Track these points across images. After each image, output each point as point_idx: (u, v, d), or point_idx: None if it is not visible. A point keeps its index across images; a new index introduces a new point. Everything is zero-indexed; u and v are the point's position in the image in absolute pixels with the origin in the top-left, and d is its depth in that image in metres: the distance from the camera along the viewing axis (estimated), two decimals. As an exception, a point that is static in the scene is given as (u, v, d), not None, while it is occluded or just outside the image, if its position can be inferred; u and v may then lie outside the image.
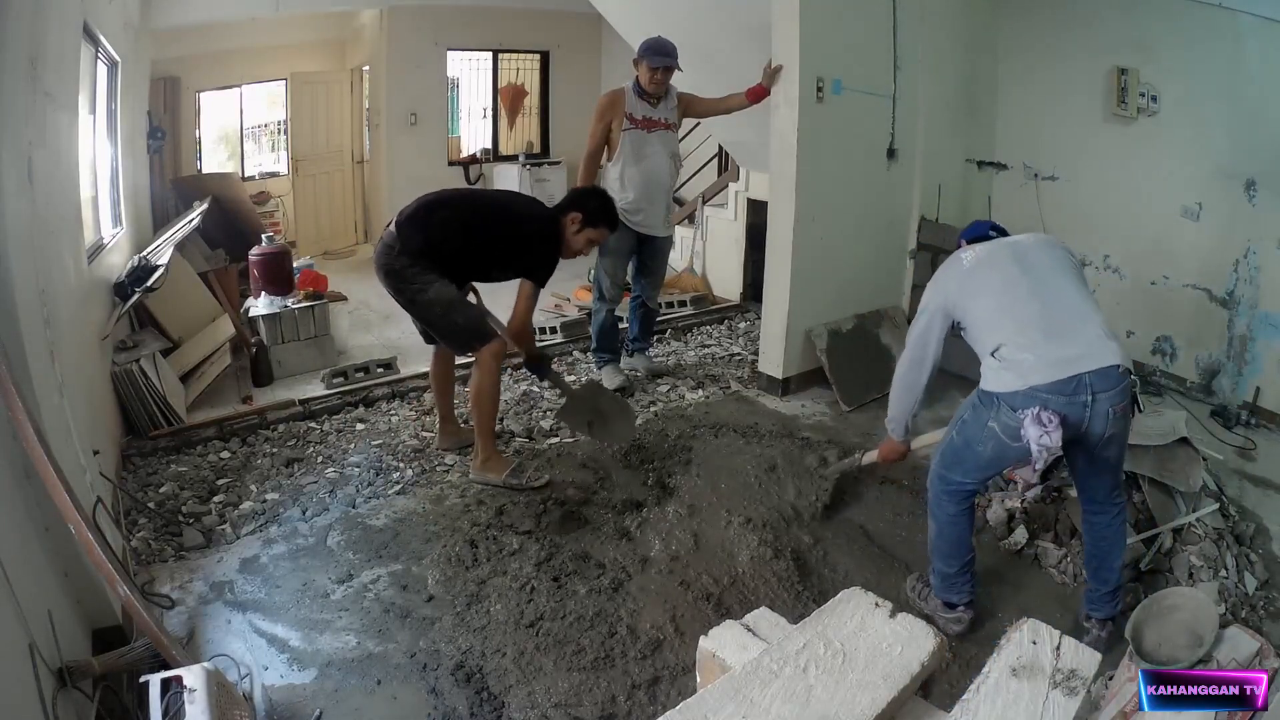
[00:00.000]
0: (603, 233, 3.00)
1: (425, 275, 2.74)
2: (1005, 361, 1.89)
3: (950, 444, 2.08)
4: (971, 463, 2.04)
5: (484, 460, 2.92)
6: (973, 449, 2.00)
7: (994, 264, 2.02)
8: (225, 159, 6.60)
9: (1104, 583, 2.09)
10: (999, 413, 1.89)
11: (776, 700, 0.88)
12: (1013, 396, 1.85)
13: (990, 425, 1.92)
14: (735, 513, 2.58)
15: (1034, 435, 1.78)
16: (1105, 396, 1.83)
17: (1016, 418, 1.84)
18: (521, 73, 7.52)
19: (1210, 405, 3.70)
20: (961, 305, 2.02)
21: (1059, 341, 1.86)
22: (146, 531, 2.58)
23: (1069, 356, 1.83)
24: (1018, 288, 1.95)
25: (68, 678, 1.60)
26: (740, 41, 4.00)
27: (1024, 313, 1.92)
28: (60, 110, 2.64)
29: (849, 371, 3.77)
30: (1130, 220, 3.97)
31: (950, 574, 2.14)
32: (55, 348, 2.09)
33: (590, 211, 2.91)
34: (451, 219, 2.80)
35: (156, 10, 4.98)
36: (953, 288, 2.05)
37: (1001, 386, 1.88)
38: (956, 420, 2.08)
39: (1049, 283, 1.96)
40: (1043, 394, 1.81)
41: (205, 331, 4.16)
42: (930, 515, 2.17)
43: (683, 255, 5.78)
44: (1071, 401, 1.81)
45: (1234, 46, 3.44)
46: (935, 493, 2.13)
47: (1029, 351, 1.86)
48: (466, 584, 2.35)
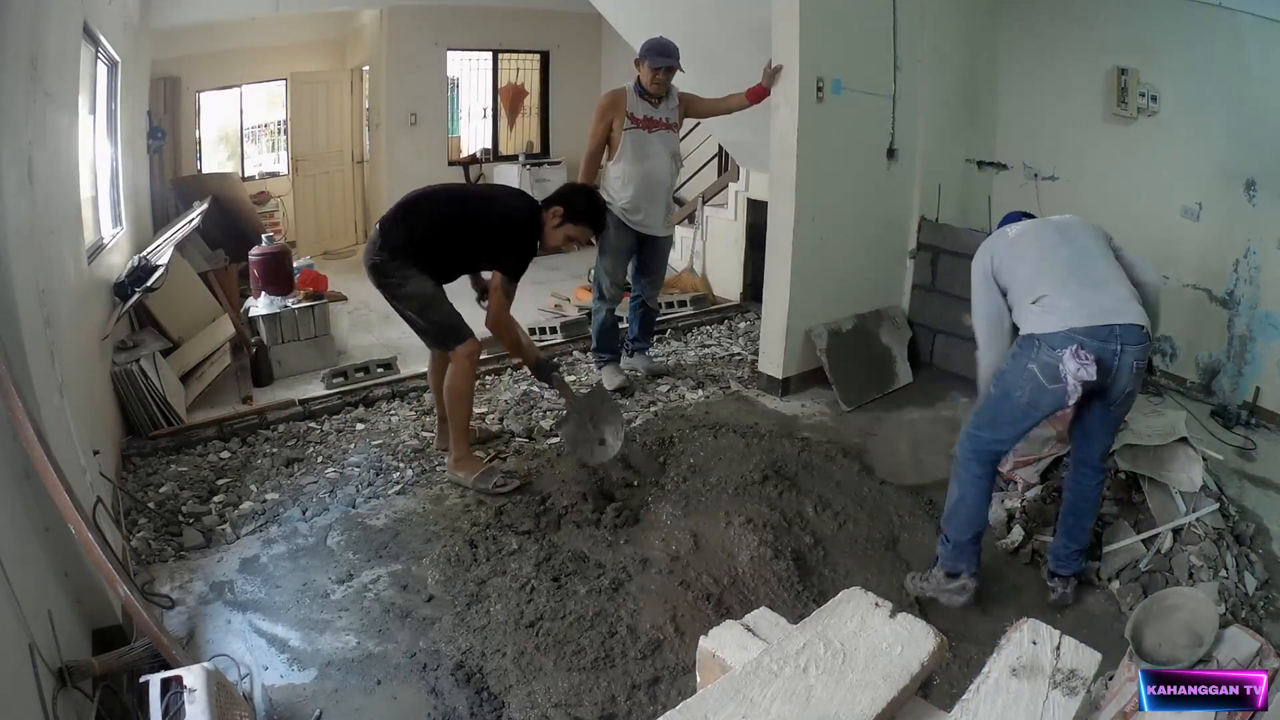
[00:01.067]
0: (584, 231, 2.92)
1: (404, 270, 2.75)
2: (1046, 306, 2.07)
3: (987, 399, 2.22)
4: (1007, 414, 2.16)
5: (456, 459, 2.93)
6: (1010, 398, 2.14)
7: (1037, 234, 2.26)
8: (225, 159, 6.60)
9: (1074, 540, 2.27)
10: (1039, 353, 2.04)
11: (776, 700, 0.88)
12: (1052, 337, 2.02)
13: (1030, 368, 2.06)
14: (735, 513, 2.58)
15: (1072, 369, 1.95)
16: (1132, 350, 2.02)
17: (1056, 355, 2.00)
18: (521, 73, 7.52)
19: (1210, 405, 3.69)
20: (1006, 268, 2.23)
21: (1095, 293, 2.05)
22: (146, 531, 2.58)
23: (1105, 308, 2.03)
24: (1058, 251, 2.17)
25: (68, 678, 1.60)
26: (740, 41, 4.00)
27: (1064, 270, 2.13)
28: (60, 110, 2.64)
29: (849, 371, 3.77)
30: (1130, 220, 3.94)
31: (963, 542, 2.24)
32: (55, 348, 2.09)
33: (574, 208, 2.84)
34: (430, 212, 2.81)
35: (156, 10, 4.98)
36: (998, 254, 2.26)
37: (1043, 328, 2.05)
38: (995, 378, 2.22)
39: (1087, 250, 2.17)
40: (1080, 335, 2.00)
41: (205, 331, 4.16)
42: (954, 479, 2.27)
43: (683, 255, 5.78)
44: (1104, 347, 2.00)
45: (1234, 46, 3.43)
46: (964, 453, 2.24)
47: (1070, 298, 2.05)
48: (466, 584, 2.35)
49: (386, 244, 2.74)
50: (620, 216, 3.59)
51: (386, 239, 2.75)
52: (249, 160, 6.75)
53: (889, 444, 3.19)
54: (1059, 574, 2.31)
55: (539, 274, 3.02)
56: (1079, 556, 2.29)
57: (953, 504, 2.27)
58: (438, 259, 2.80)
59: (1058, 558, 2.31)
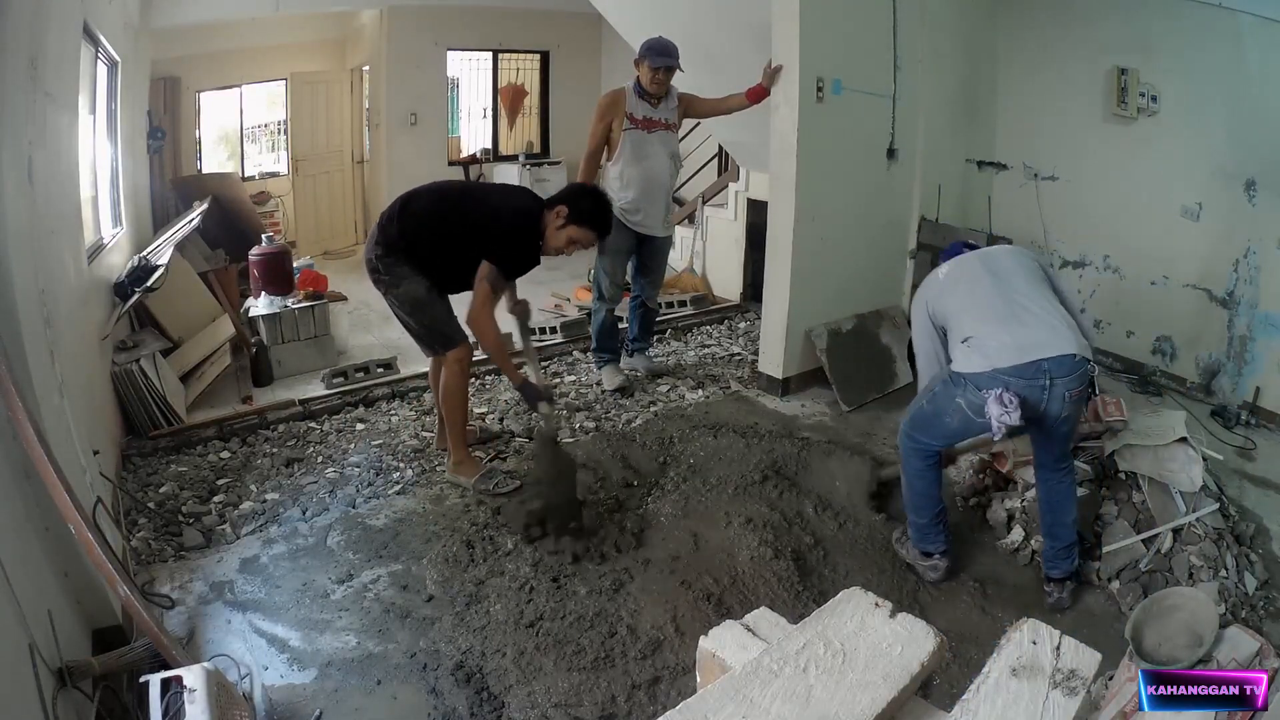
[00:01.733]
0: (588, 235, 2.74)
1: (399, 269, 2.71)
2: (974, 346, 2.12)
3: (921, 410, 2.31)
4: (938, 430, 2.27)
5: (456, 463, 2.93)
6: (941, 419, 2.23)
7: (964, 271, 2.32)
8: (225, 159, 6.60)
9: (1058, 539, 2.28)
10: (966, 391, 2.11)
11: (776, 700, 0.88)
12: (978, 377, 2.07)
13: (958, 401, 2.13)
14: (735, 513, 2.58)
15: (995, 414, 2.00)
16: (1062, 381, 2.03)
17: (981, 396, 2.05)
18: (521, 73, 7.52)
19: (1210, 405, 3.70)
20: (939, 311, 2.32)
21: (1020, 330, 2.08)
22: (146, 531, 2.58)
23: (1028, 344, 2.04)
24: (983, 287, 2.23)
25: (68, 678, 1.60)
26: (740, 41, 4.00)
27: (989, 307, 2.17)
28: (60, 110, 2.64)
29: (849, 371, 3.77)
30: (1130, 220, 3.97)
31: (923, 524, 2.36)
32: (55, 348, 2.09)
33: (579, 210, 2.69)
34: (423, 208, 2.75)
35: (156, 10, 4.98)
36: (931, 299, 2.36)
37: (969, 368, 2.10)
38: (927, 392, 2.32)
39: (1012, 283, 2.21)
40: (1004, 376, 2.03)
41: (205, 331, 4.16)
42: (902, 470, 2.40)
43: (683, 255, 5.77)
44: (1030, 384, 2.03)
45: (1234, 46, 3.43)
46: (905, 449, 2.36)
47: (993, 339, 2.09)
48: (465, 584, 2.35)
49: (383, 240, 2.73)
50: (620, 216, 3.58)
51: (383, 235, 2.73)
52: (249, 160, 6.75)
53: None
54: (1052, 577, 2.32)
55: (539, 273, 2.99)
56: (1067, 555, 2.29)
57: (906, 493, 2.41)
58: (431, 257, 2.72)
59: (1048, 560, 2.32)
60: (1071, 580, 2.31)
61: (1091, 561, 2.41)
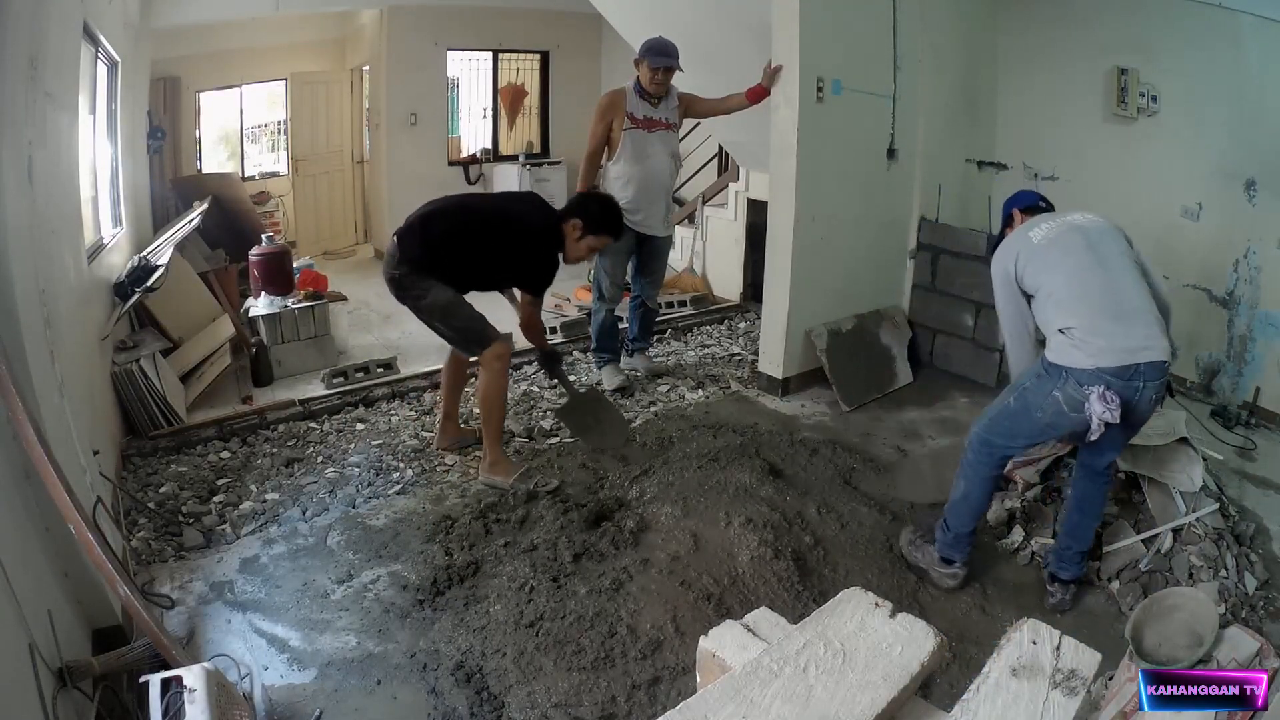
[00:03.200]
0: (604, 240, 2.96)
1: (424, 281, 2.76)
2: (1076, 340, 2.05)
3: (1005, 409, 2.22)
4: (1025, 428, 2.19)
5: (492, 463, 2.92)
6: (1031, 415, 2.15)
7: (1067, 247, 2.16)
8: (225, 159, 6.59)
9: (1077, 540, 2.28)
10: (1065, 384, 2.05)
11: (776, 700, 0.88)
12: (1081, 373, 2.02)
13: (1054, 395, 2.07)
14: (735, 513, 2.58)
15: (1098, 411, 1.97)
16: (1153, 385, 2.03)
17: (1083, 392, 2.01)
18: (521, 73, 7.51)
19: (1210, 405, 3.70)
20: (1032, 278, 2.19)
21: (1126, 332, 2.03)
22: (146, 531, 2.58)
23: (1133, 346, 2.01)
24: (1091, 275, 2.10)
25: (68, 678, 1.60)
26: (740, 41, 4.00)
27: (1098, 300, 2.08)
28: (60, 110, 2.64)
29: (849, 371, 3.77)
30: (1130, 220, 3.90)
31: (964, 534, 2.30)
32: (55, 348, 2.09)
33: (592, 218, 2.88)
34: (449, 230, 2.80)
35: (156, 10, 4.98)
36: (1022, 259, 2.20)
37: (1073, 362, 2.04)
38: (1014, 389, 2.22)
39: (1119, 275, 2.11)
40: (1107, 376, 2.00)
41: (205, 331, 4.16)
42: (962, 476, 2.31)
43: (683, 255, 5.78)
44: (1128, 386, 2.01)
45: (1234, 46, 3.43)
46: (976, 455, 2.27)
47: (1101, 337, 2.02)
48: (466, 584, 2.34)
49: (405, 257, 2.75)
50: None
51: (404, 252, 2.75)
52: (249, 160, 6.75)
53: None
54: (1060, 578, 2.30)
55: (538, 274, 3.00)
56: (1081, 559, 2.28)
57: (958, 498, 2.32)
58: (456, 272, 2.80)
59: (1061, 558, 2.29)
60: (1075, 584, 2.31)
61: (1092, 561, 2.41)
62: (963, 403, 3.69)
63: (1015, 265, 2.21)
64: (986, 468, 2.26)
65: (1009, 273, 2.24)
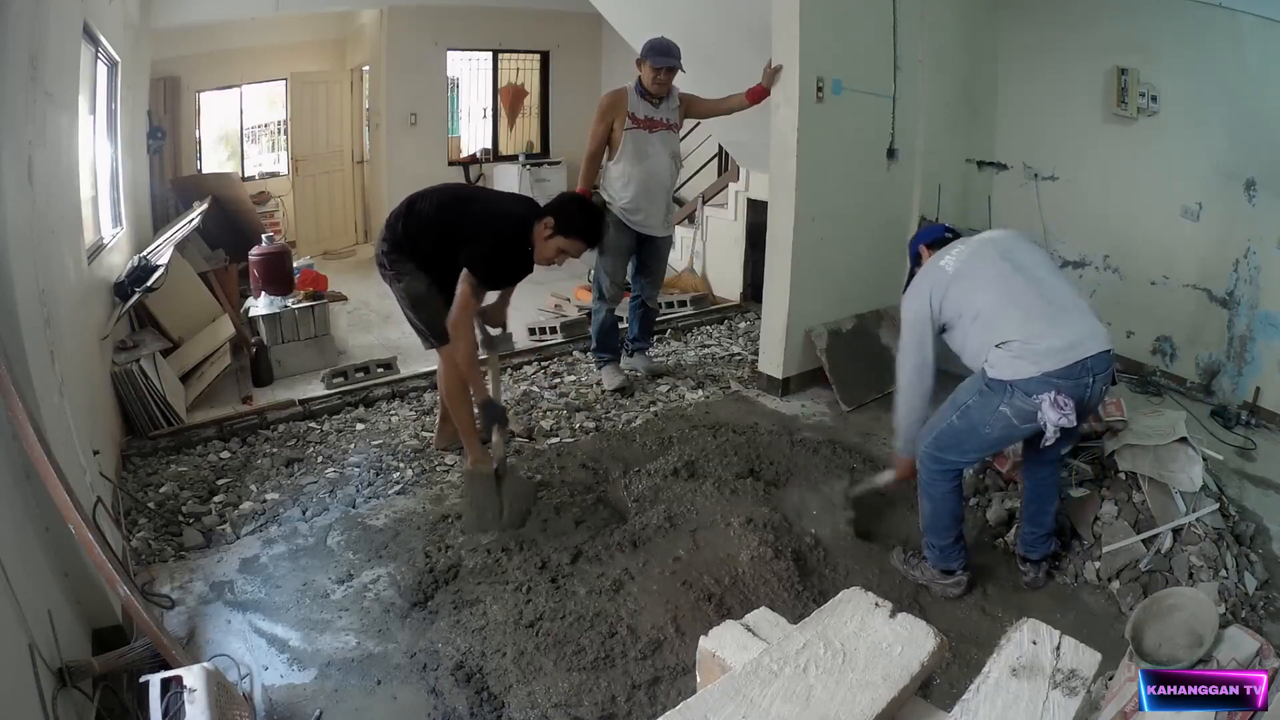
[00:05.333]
0: (576, 245, 2.68)
1: (402, 265, 2.79)
2: (1017, 351, 2.02)
3: (950, 428, 2.20)
4: (973, 444, 2.19)
5: (473, 461, 2.91)
6: (978, 432, 2.14)
7: (982, 261, 2.15)
8: (225, 159, 6.60)
9: (1040, 525, 2.34)
10: (1012, 398, 2.03)
11: (776, 700, 0.88)
12: (1027, 383, 2.00)
13: (1001, 410, 2.05)
14: (735, 513, 2.58)
15: (1053, 418, 1.95)
16: (1101, 377, 2.03)
17: (1032, 402, 1.99)
18: (521, 73, 7.52)
19: (1210, 405, 3.69)
20: (953, 306, 2.15)
21: (1064, 329, 2.02)
22: (146, 531, 2.58)
23: (1073, 343, 2.00)
24: (1014, 282, 2.09)
25: (68, 678, 1.60)
26: (740, 42, 4.00)
27: (1028, 306, 2.06)
28: (60, 110, 2.64)
29: (849, 371, 3.77)
30: (1130, 220, 3.97)
31: (946, 545, 2.30)
32: (55, 348, 2.09)
33: (566, 220, 2.64)
34: (423, 210, 2.79)
35: (156, 10, 4.98)
36: (937, 292, 2.17)
37: (1016, 374, 2.02)
38: (956, 406, 2.19)
39: (1043, 275, 2.11)
40: (1055, 379, 1.98)
41: (205, 331, 4.16)
42: (924, 495, 2.30)
43: (683, 255, 5.77)
44: (1078, 384, 2.00)
45: (1234, 46, 3.43)
46: (930, 473, 2.26)
47: (1040, 341, 2.01)
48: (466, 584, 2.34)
49: (390, 238, 2.80)
50: (620, 216, 3.59)
51: (390, 233, 2.80)
52: (249, 160, 6.76)
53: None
54: (1029, 558, 2.39)
55: (539, 274, 2.98)
56: (1047, 539, 2.37)
57: (927, 514, 2.32)
58: (432, 256, 2.77)
59: (1028, 544, 2.38)
60: (1045, 561, 2.40)
61: (1092, 561, 2.41)
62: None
63: (930, 300, 2.17)
64: (944, 482, 2.24)
65: (923, 310, 2.19)
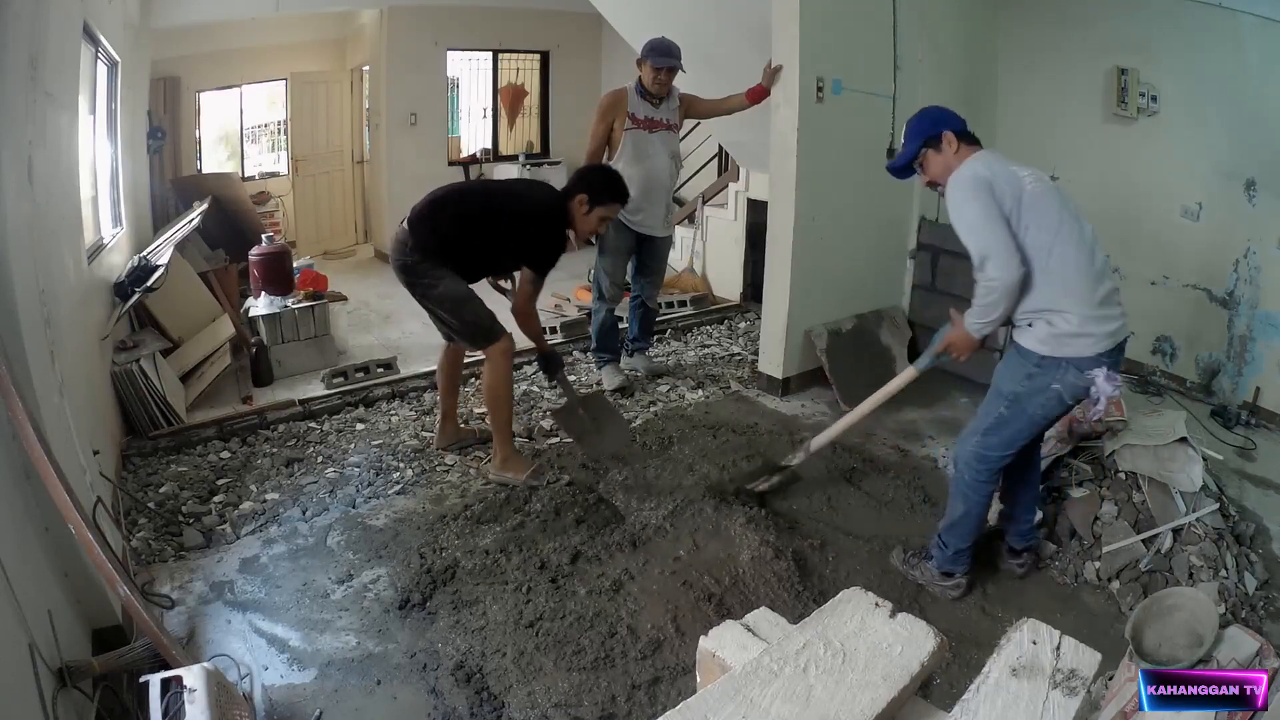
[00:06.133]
0: (614, 208, 2.92)
1: (436, 270, 2.74)
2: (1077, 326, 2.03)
3: (999, 419, 2.18)
4: (1023, 431, 2.18)
5: (503, 459, 2.90)
6: (1027, 415, 2.15)
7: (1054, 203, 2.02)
8: (225, 159, 6.60)
9: (1032, 514, 2.41)
10: (1065, 374, 2.06)
11: (776, 700, 0.88)
12: (1082, 361, 2.04)
13: (1054, 389, 2.08)
14: (735, 513, 2.58)
15: (1107, 390, 2.02)
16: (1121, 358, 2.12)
17: (1085, 378, 2.04)
18: (521, 73, 7.52)
19: (1210, 405, 3.69)
20: (1034, 234, 1.98)
21: (1113, 312, 2.07)
22: (146, 531, 2.58)
23: (1119, 328, 2.08)
24: (1079, 242, 2.02)
25: (68, 678, 1.60)
26: (740, 42, 4.00)
27: (1089, 277, 2.03)
28: (60, 110, 2.64)
29: (849, 371, 3.76)
30: (1130, 220, 3.97)
31: (964, 549, 2.30)
32: (55, 348, 2.09)
33: (596, 189, 2.84)
34: (460, 214, 2.79)
35: (156, 10, 4.98)
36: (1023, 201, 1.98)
37: (1074, 352, 2.04)
38: (1002, 397, 2.16)
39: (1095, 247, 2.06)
40: (1105, 359, 2.05)
41: (205, 331, 4.16)
42: (961, 499, 2.27)
43: (683, 255, 5.77)
44: (1116, 361, 2.08)
45: (1234, 46, 3.43)
46: (975, 474, 2.23)
47: (1097, 325, 2.03)
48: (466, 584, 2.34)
49: (417, 244, 2.72)
50: (620, 216, 3.58)
51: (416, 238, 2.72)
52: (249, 160, 6.75)
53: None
54: (1015, 548, 2.43)
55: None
56: (1031, 530, 2.42)
57: (957, 518, 2.28)
58: (466, 258, 2.79)
59: (1020, 534, 2.41)
60: (1032, 550, 2.46)
61: (1092, 561, 2.41)
62: (963, 403, 3.68)
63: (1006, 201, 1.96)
64: (987, 484, 2.25)
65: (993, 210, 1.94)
